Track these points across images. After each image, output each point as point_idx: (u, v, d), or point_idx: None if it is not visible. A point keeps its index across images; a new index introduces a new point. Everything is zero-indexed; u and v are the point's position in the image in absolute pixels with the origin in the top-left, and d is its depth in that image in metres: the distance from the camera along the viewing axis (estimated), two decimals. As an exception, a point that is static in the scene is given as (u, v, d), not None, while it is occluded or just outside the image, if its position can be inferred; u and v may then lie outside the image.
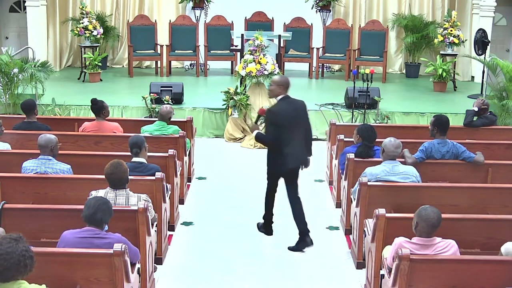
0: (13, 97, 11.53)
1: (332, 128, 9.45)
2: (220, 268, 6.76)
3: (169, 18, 15.33)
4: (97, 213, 5.13)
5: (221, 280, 6.53)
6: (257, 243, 7.39)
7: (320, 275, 6.68)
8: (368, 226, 6.36)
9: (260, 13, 15.41)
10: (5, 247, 3.90)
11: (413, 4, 15.84)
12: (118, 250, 4.93)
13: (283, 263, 6.92)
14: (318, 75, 15.12)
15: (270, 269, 6.78)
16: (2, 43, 15.15)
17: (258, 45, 11.48)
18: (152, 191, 6.66)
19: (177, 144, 8.46)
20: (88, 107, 9.07)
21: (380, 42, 14.76)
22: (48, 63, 12.25)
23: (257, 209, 8.38)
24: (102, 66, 14.50)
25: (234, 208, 8.43)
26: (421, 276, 5.16)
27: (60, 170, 6.88)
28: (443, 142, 7.59)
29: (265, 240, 7.47)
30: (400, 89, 14.37)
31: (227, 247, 7.29)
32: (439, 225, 5.22)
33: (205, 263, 6.88)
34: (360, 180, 6.79)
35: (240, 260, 6.95)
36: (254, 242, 7.42)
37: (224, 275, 6.62)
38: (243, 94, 11.42)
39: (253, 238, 7.53)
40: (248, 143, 11.16)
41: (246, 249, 7.24)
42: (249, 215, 8.19)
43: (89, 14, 14.32)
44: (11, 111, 11.32)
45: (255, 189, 9.14)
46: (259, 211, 8.28)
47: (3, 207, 5.74)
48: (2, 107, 11.67)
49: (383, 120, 11.45)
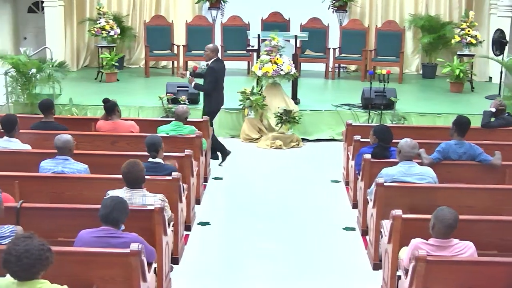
0: (31, 97, 11.61)
1: (348, 128, 9.42)
2: (236, 268, 6.77)
3: (186, 19, 15.36)
4: (113, 212, 5.14)
5: (237, 279, 6.53)
6: (273, 243, 7.38)
7: (336, 276, 6.66)
8: (385, 227, 6.34)
9: (276, 13, 15.40)
10: (23, 246, 3.94)
11: (430, 4, 15.75)
12: (135, 249, 4.94)
13: (299, 263, 6.91)
14: (334, 76, 15.09)
15: (285, 269, 6.77)
16: (20, 44, 15.25)
17: (274, 46, 11.48)
18: (169, 191, 6.67)
19: (193, 144, 8.46)
20: (105, 107, 9.10)
21: (396, 43, 14.71)
22: (65, 63, 12.32)
23: (273, 209, 8.40)
24: (119, 66, 14.56)
25: (250, 208, 8.44)
26: (437, 278, 5.13)
27: (77, 170, 6.91)
28: (460, 143, 7.55)
29: (280, 241, 7.46)
30: (417, 89, 14.32)
31: (243, 247, 7.30)
32: (456, 226, 5.19)
33: (221, 263, 6.89)
34: (377, 181, 6.77)
35: (255, 260, 6.95)
36: (270, 242, 7.42)
37: (240, 275, 6.63)
38: (259, 94, 11.42)
39: (269, 238, 7.53)
40: (264, 143, 11.16)
41: (262, 249, 7.23)
42: (265, 215, 8.19)
43: (106, 15, 14.38)
44: (29, 111, 11.38)
45: (271, 189, 9.17)
46: (275, 211, 8.31)
47: (21, 206, 5.77)
48: (20, 107, 11.75)
49: (400, 121, 11.41)
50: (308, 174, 9.87)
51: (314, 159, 10.67)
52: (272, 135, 11.20)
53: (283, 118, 11.11)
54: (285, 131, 11.25)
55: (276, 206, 8.54)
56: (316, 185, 9.36)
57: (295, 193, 9.02)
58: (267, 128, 11.46)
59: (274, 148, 11.05)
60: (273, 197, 8.88)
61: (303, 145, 11.39)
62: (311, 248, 7.31)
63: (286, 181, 9.51)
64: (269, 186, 9.31)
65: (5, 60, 11.58)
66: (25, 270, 3.93)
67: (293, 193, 9.04)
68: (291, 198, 8.82)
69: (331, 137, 11.75)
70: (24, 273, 3.94)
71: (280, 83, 11.68)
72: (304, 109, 11.78)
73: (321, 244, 7.41)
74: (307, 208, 8.49)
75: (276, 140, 11.12)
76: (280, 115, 11.12)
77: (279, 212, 8.30)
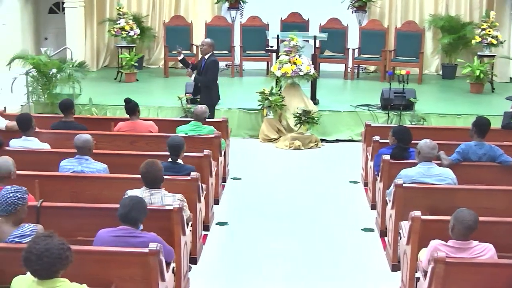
0: (51, 96, 11.69)
1: (367, 129, 9.40)
2: (254, 268, 6.77)
3: (205, 19, 15.39)
4: (131, 212, 5.16)
5: (254, 280, 6.54)
6: (291, 244, 7.38)
7: (354, 277, 6.64)
8: (403, 228, 6.31)
9: (296, 13, 15.38)
10: (43, 245, 3.96)
11: (450, 5, 15.66)
12: (153, 249, 4.96)
13: (317, 264, 6.90)
14: (354, 76, 15.06)
15: (304, 269, 6.77)
16: (41, 44, 15.35)
17: (294, 46, 11.47)
18: (187, 191, 6.68)
19: (212, 144, 8.47)
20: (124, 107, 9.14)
21: (416, 43, 14.64)
22: (85, 63, 12.39)
23: (292, 209, 8.39)
24: (138, 66, 14.62)
25: (269, 209, 8.44)
26: (456, 280, 5.10)
27: (97, 170, 6.95)
28: (480, 144, 7.50)
29: (299, 241, 7.45)
30: (436, 90, 14.24)
31: (261, 247, 7.30)
32: (476, 227, 5.16)
33: (239, 263, 6.90)
34: (395, 182, 6.74)
35: (274, 261, 6.95)
36: (288, 242, 7.42)
37: (257, 275, 6.63)
38: (278, 94, 11.41)
39: (288, 238, 7.53)
40: (283, 144, 11.16)
41: (280, 249, 7.23)
42: (284, 215, 8.20)
43: (126, 15, 14.45)
44: (49, 111, 11.47)
45: (290, 189, 9.16)
46: (294, 211, 8.31)
47: (41, 205, 5.81)
48: (40, 107, 11.84)
49: (419, 122, 11.35)
50: (326, 174, 9.85)
51: (333, 160, 10.65)
52: (291, 136, 11.19)
53: (302, 119, 11.10)
54: (304, 131, 11.24)
55: (295, 206, 8.53)
56: (335, 186, 9.35)
57: (313, 194, 9.01)
58: (286, 129, 11.45)
59: (292, 149, 11.04)
60: (292, 197, 8.87)
61: (322, 145, 11.37)
62: (330, 249, 7.29)
63: (305, 182, 9.50)
64: (287, 186, 9.30)
65: (26, 60, 11.67)
66: (45, 268, 3.96)
67: (312, 193, 9.03)
68: (310, 199, 8.81)
69: (350, 138, 11.73)
70: (44, 272, 3.97)
71: (299, 84, 11.67)
72: (323, 110, 11.77)
73: (339, 245, 7.40)
74: (326, 208, 8.48)
75: (295, 140, 11.11)
76: (299, 116, 11.11)
77: (297, 213, 8.29)
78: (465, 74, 14.08)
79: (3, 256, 4.89)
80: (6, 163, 5.89)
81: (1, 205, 4.97)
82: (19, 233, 4.94)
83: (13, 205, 4.96)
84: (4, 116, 8.91)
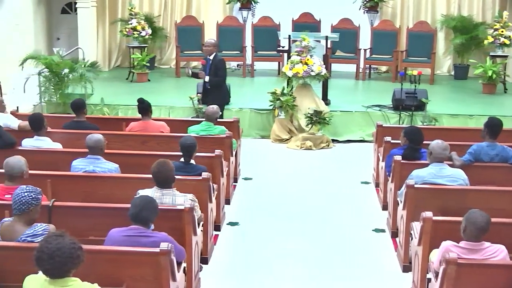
0: (63, 96, 11.74)
1: (378, 130, 9.38)
2: (265, 269, 6.77)
3: (216, 19, 15.39)
4: (142, 211, 5.18)
5: (265, 280, 6.54)
6: (302, 244, 7.37)
7: (365, 277, 6.63)
8: (415, 229, 6.30)
9: (307, 14, 15.37)
10: (55, 244, 3.98)
11: (463, 5, 15.59)
12: (164, 249, 4.97)
13: (328, 265, 6.89)
14: (365, 77, 15.03)
15: (314, 270, 6.76)
16: (54, 44, 15.41)
17: (305, 46, 11.46)
18: (199, 191, 6.69)
19: (223, 144, 8.49)
20: (136, 107, 9.17)
21: (428, 43, 14.59)
22: (97, 63, 12.43)
23: (302, 209, 8.39)
24: (150, 66, 14.64)
25: (280, 209, 8.43)
26: (468, 281, 5.08)
27: (108, 169, 6.97)
28: (492, 145, 7.47)
29: (310, 242, 7.45)
30: (448, 91, 14.19)
31: (272, 247, 7.30)
32: (488, 228, 5.14)
33: (250, 263, 6.90)
34: (407, 182, 6.73)
35: (284, 261, 6.95)
36: (299, 242, 7.41)
37: (268, 275, 6.63)
38: (290, 95, 11.40)
39: (298, 239, 7.52)
40: (294, 144, 11.15)
41: (291, 249, 7.23)
42: (295, 216, 8.19)
43: (138, 15, 14.49)
44: (61, 111, 11.51)
45: (301, 190, 9.16)
46: (305, 212, 8.30)
47: (53, 204, 5.84)
48: (52, 107, 11.89)
49: (431, 122, 11.31)
50: (338, 175, 9.84)
51: (344, 160, 10.64)
52: (302, 136, 11.18)
53: (313, 119, 11.09)
54: (315, 132, 11.23)
55: (306, 207, 8.52)
56: (346, 187, 9.33)
57: (324, 194, 9.00)
58: (297, 129, 11.45)
59: (304, 149, 11.03)
60: (303, 198, 8.87)
61: (333, 146, 11.35)
62: (341, 249, 7.29)
63: (316, 182, 9.50)
64: (298, 187, 9.30)
65: (39, 61, 11.72)
66: (57, 268, 3.98)
67: (323, 194, 9.02)
68: (321, 199, 8.80)
69: (361, 138, 11.70)
70: (56, 271, 3.99)
71: (310, 84, 11.66)
72: (334, 110, 11.75)
73: (350, 246, 7.38)
74: (337, 209, 8.47)
75: (306, 141, 11.10)
76: (310, 116, 11.11)
77: (308, 213, 8.29)
78: (477, 75, 14.03)
79: (15, 255, 4.92)
80: (18, 163, 5.93)
81: (15, 204, 5.00)
82: (31, 233, 4.97)
83: (27, 205, 4.99)
84: (17, 116, 8.96)
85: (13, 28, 13.61)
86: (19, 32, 13.68)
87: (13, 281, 4.82)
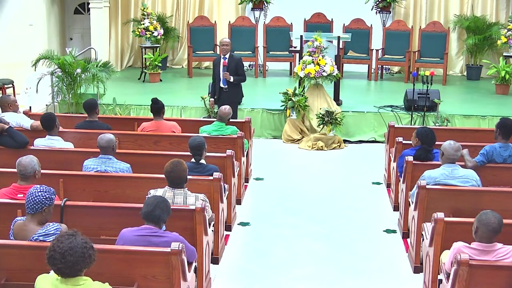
0: (76, 96, 11.79)
1: (390, 130, 9.36)
2: (276, 269, 6.77)
3: (229, 19, 15.42)
4: (155, 211, 5.19)
5: (276, 280, 6.54)
6: (313, 244, 7.37)
7: (376, 278, 6.62)
8: (426, 230, 6.28)
9: (319, 14, 15.36)
10: (67, 244, 4.00)
11: (476, 5, 15.54)
12: (176, 249, 4.98)
13: (339, 265, 6.89)
14: (377, 77, 15.00)
15: (325, 271, 6.76)
16: (67, 44, 15.49)
17: (317, 47, 11.46)
18: (210, 191, 6.71)
19: (235, 144, 8.50)
20: (147, 107, 9.19)
21: (440, 44, 14.55)
22: (109, 64, 12.48)
23: (314, 210, 8.38)
24: (162, 66, 14.68)
25: (291, 209, 8.43)
26: (480, 282, 5.06)
27: (120, 169, 6.99)
28: (505, 146, 7.44)
29: (321, 242, 7.44)
30: (461, 91, 14.12)
31: (283, 248, 7.30)
32: (500, 230, 5.12)
33: (261, 264, 6.90)
34: (419, 183, 6.71)
35: (295, 261, 6.95)
36: (310, 243, 7.41)
37: (279, 276, 6.63)
38: (302, 95, 11.40)
39: (309, 239, 7.52)
40: (305, 144, 11.15)
41: (301, 250, 7.23)
42: (306, 216, 8.19)
43: (150, 15, 14.55)
44: (74, 110, 11.57)
45: (312, 190, 9.16)
46: (316, 212, 8.29)
47: (65, 204, 5.87)
48: (65, 106, 11.95)
49: (443, 123, 11.28)
50: (349, 175, 9.83)
51: (356, 161, 10.63)
52: (314, 136, 11.18)
53: (325, 119, 11.09)
54: (327, 132, 11.22)
55: (317, 207, 8.52)
56: (358, 187, 9.32)
57: (336, 195, 8.99)
58: (309, 129, 11.44)
59: (315, 149, 11.03)
60: (314, 198, 8.86)
61: (345, 146, 11.34)
62: (352, 250, 7.28)
63: (327, 183, 9.49)
64: (310, 187, 9.30)
65: (52, 61, 11.77)
66: (69, 267, 3.99)
67: (334, 194, 9.01)
68: (332, 200, 8.79)
69: (373, 139, 11.69)
70: (68, 270, 4.01)
71: (322, 84, 11.65)
72: (346, 111, 11.74)
73: (361, 246, 7.37)
74: (348, 209, 8.45)
75: (318, 141, 11.09)
76: (322, 116, 11.10)
77: (319, 214, 8.28)
78: (490, 75, 13.97)
79: (27, 254, 4.95)
80: (31, 163, 5.96)
81: (29, 203, 5.04)
82: (43, 232, 5.00)
83: (40, 204, 5.02)
84: (29, 116, 9.01)
85: (27, 28, 13.68)
86: (32, 32, 13.75)
87: (25, 280, 4.85)
